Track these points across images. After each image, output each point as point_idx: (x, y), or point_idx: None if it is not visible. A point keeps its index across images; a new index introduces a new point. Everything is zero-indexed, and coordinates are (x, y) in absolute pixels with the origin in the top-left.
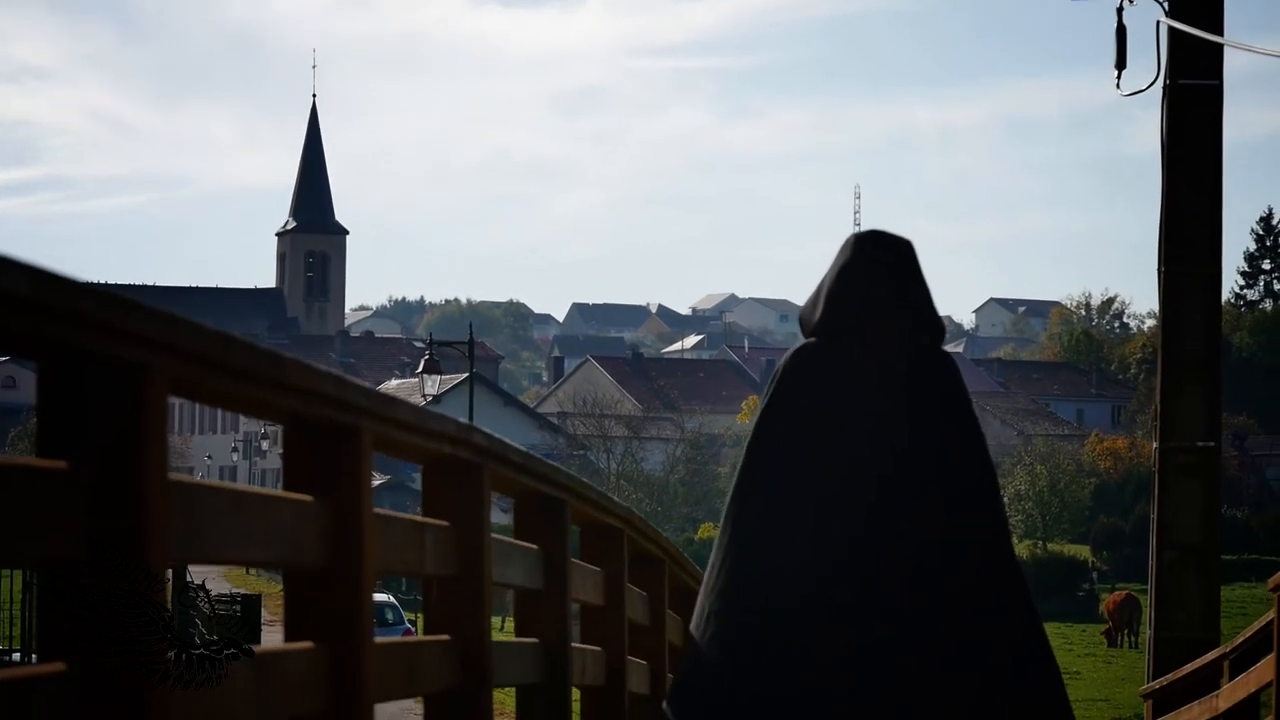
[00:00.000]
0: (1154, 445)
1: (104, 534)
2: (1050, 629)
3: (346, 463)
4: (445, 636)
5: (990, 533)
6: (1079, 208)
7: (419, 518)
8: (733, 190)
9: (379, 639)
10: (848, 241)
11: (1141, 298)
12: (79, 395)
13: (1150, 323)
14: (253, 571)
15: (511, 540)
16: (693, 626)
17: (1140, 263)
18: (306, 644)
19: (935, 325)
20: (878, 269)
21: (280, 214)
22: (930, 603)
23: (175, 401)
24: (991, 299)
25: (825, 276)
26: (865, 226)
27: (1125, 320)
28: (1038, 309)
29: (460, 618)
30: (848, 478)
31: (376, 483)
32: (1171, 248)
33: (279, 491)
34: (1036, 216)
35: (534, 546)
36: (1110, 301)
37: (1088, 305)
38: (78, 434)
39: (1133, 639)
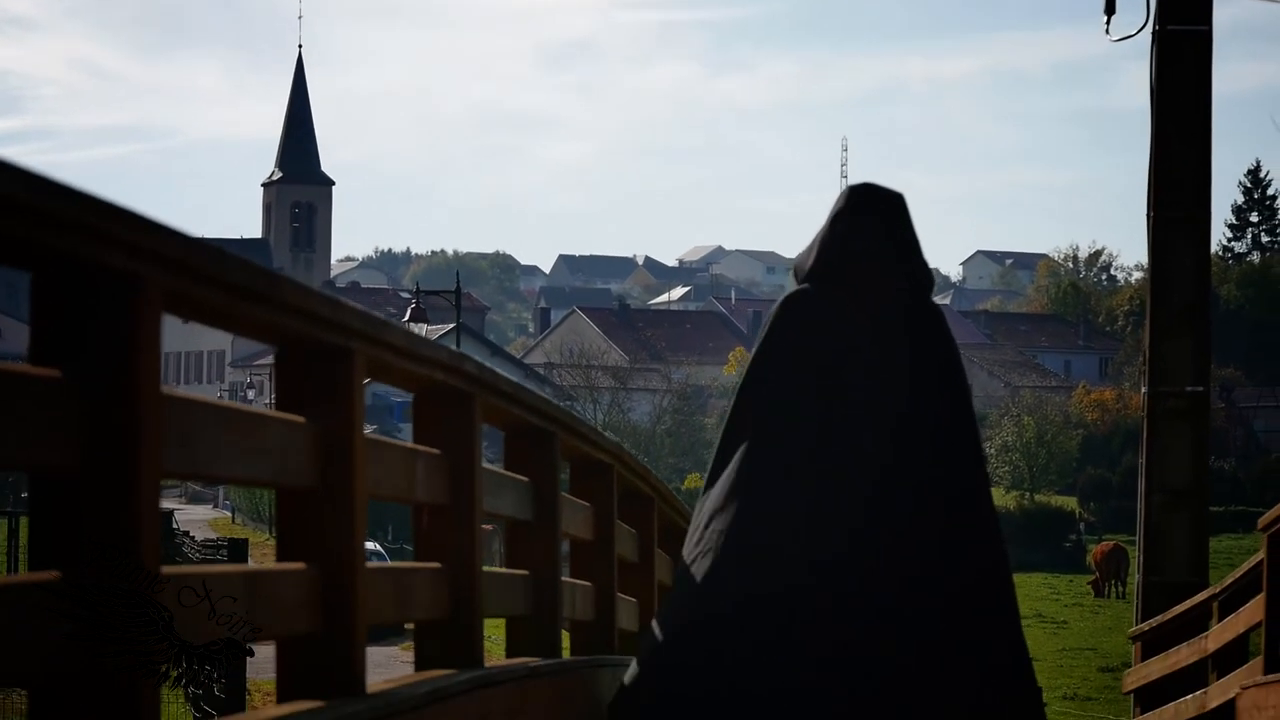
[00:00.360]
0: (1143, 390)
1: (99, 442)
2: (1037, 579)
3: (338, 385)
4: (436, 564)
5: (984, 521)
6: (1067, 161)
7: (410, 444)
8: (720, 143)
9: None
10: (842, 193)
11: (1129, 250)
12: (73, 305)
13: (1138, 275)
14: (238, 520)
15: (502, 471)
16: (678, 585)
17: (1128, 216)
18: (298, 564)
19: (924, 274)
20: (869, 219)
21: (266, 165)
22: (929, 601)
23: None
24: (979, 251)
25: (820, 228)
26: (853, 179)
27: (1113, 273)
28: (1025, 261)
29: (451, 546)
30: (840, 432)
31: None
32: (1160, 193)
33: (270, 411)
34: (1024, 169)
35: (524, 478)
36: (1098, 254)
37: (1075, 258)
38: (71, 343)
39: (1120, 589)
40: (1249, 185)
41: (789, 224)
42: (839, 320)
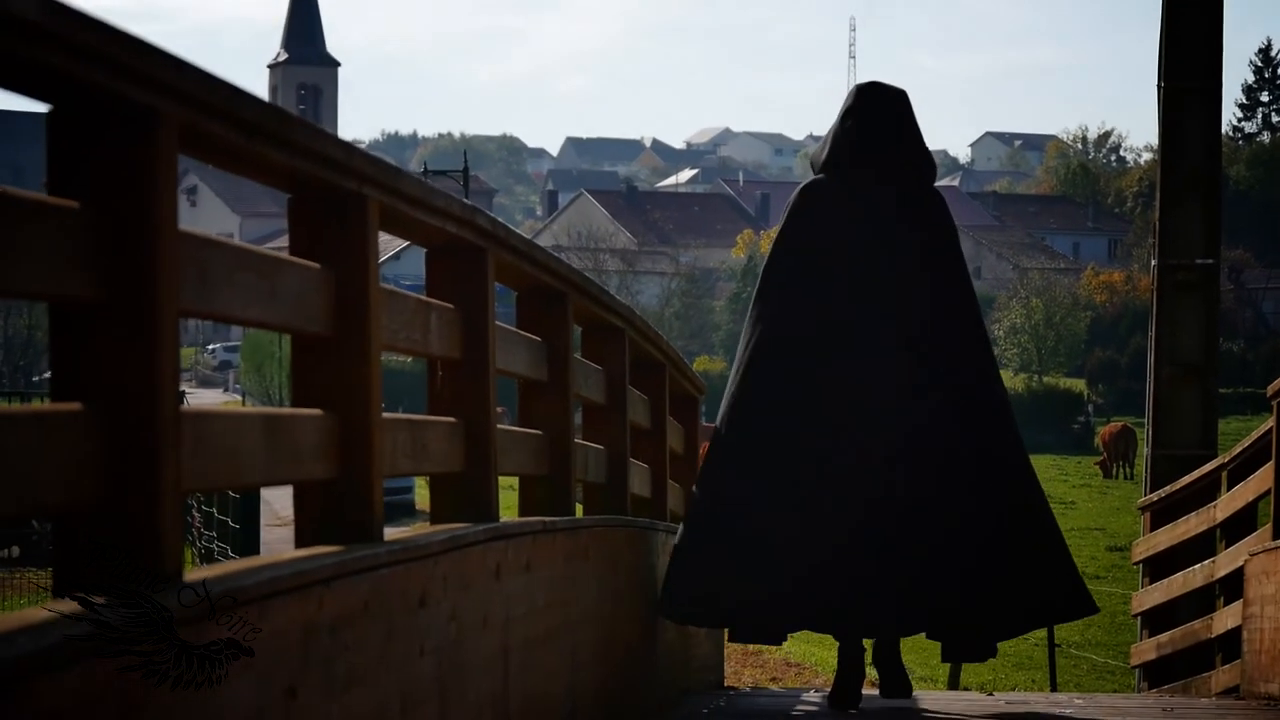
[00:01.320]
0: (1152, 263)
1: (118, 275)
2: (1045, 460)
3: (353, 232)
4: (451, 419)
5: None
6: (1077, 40)
7: (424, 297)
8: (728, 23)
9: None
10: (851, 91)
11: (1139, 131)
12: (90, 137)
13: (1147, 156)
14: (248, 404)
15: (515, 329)
16: (705, 475)
17: (1138, 96)
18: (315, 411)
19: (927, 162)
20: (875, 112)
21: (271, 47)
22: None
23: None
24: (987, 133)
25: (832, 123)
26: (860, 60)
27: (1122, 154)
28: (1034, 142)
29: (465, 401)
30: (853, 307)
31: None
32: (1171, 63)
33: (285, 255)
34: (1033, 49)
35: (537, 338)
36: (1107, 135)
37: (1084, 139)
38: (89, 177)
39: (1128, 470)
40: (1260, 64)
41: (797, 106)
42: (852, 202)
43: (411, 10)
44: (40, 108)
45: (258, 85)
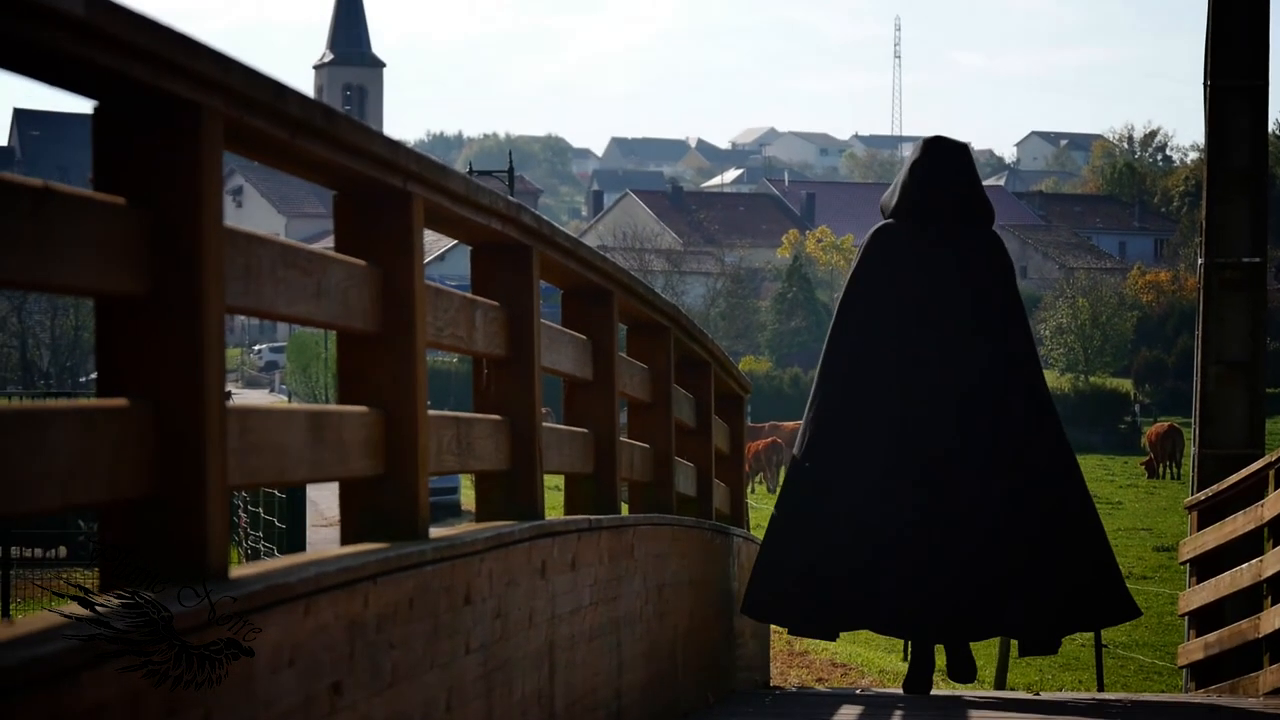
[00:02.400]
0: (1199, 262)
1: (164, 270)
2: (1092, 461)
3: (398, 229)
4: (497, 416)
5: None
6: (1123, 40)
7: (469, 295)
8: (773, 22)
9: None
10: (917, 144)
11: (1185, 131)
12: (136, 133)
13: (1194, 155)
14: (294, 404)
15: (560, 327)
16: (788, 487)
17: (1184, 96)
18: (361, 407)
19: (985, 208)
20: (939, 164)
21: (317, 47)
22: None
23: None
24: (1033, 132)
25: (899, 172)
26: (906, 59)
27: (1168, 153)
28: (1080, 142)
29: (511, 399)
30: (923, 341)
31: None
32: (1217, 62)
33: (330, 252)
34: (1080, 49)
35: (583, 336)
36: (1153, 134)
37: (1130, 138)
38: (135, 172)
39: (1175, 470)
40: None
41: (842, 105)
42: (919, 246)
43: (457, 11)
44: (86, 106)
45: (303, 86)
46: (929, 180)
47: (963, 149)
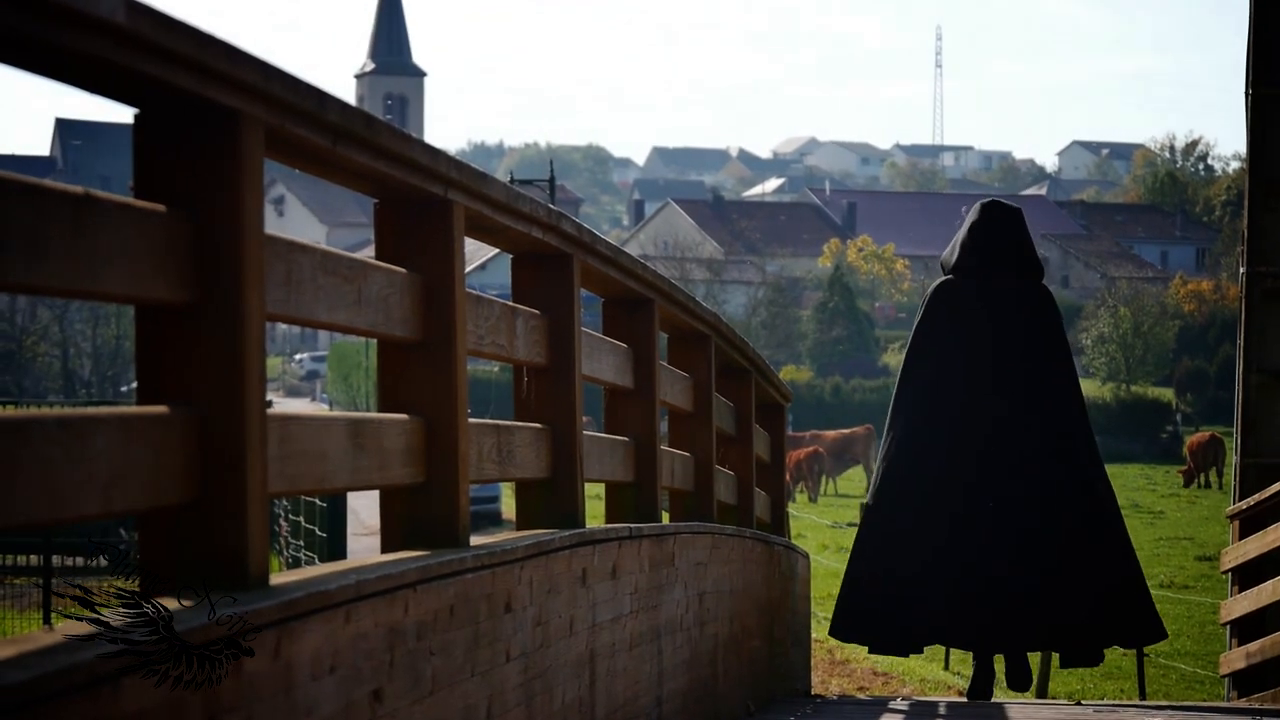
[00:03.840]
0: (1241, 271)
1: (204, 277)
2: (1133, 470)
3: (438, 237)
4: (537, 424)
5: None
6: (1164, 48)
7: (509, 303)
8: (814, 31)
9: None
10: (974, 207)
11: (1226, 140)
12: (177, 141)
13: (1235, 165)
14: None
15: (601, 335)
16: (866, 515)
17: (1225, 105)
18: (401, 415)
19: (1036, 266)
20: (995, 226)
21: (358, 56)
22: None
23: None
24: (1074, 141)
25: (959, 232)
26: (947, 68)
27: (1210, 162)
28: (1121, 151)
29: (551, 407)
30: (981, 387)
31: None
32: (1259, 70)
33: (371, 259)
34: (1121, 58)
35: (624, 344)
36: (1195, 144)
37: (1172, 147)
38: (176, 180)
39: (1217, 479)
40: None
41: (883, 115)
42: (977, 301)
43: (495, 18)
44: (127, 115)
45: (344, 95)
46: (987, 240)
47: (1016, 212)
